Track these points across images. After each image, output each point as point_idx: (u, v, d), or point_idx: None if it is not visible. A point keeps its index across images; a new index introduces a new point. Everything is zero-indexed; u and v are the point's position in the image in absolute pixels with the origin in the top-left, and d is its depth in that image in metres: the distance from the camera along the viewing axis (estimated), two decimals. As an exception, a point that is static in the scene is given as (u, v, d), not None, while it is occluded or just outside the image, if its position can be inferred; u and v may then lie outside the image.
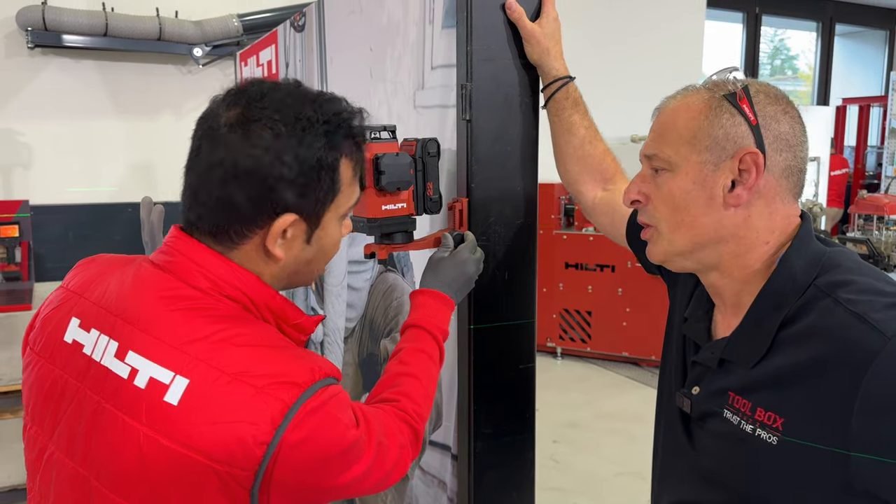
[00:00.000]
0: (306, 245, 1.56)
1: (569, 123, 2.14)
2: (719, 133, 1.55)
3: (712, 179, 1.55)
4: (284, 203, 1.47)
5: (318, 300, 3.39)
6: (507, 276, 2.04)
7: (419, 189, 1.94)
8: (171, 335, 1.44)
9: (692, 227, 1.59)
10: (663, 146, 1.60)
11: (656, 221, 1.63)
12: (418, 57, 2.26)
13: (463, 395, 2.08)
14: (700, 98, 1.59)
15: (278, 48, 3.83)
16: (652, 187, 1.63)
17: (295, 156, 1.46)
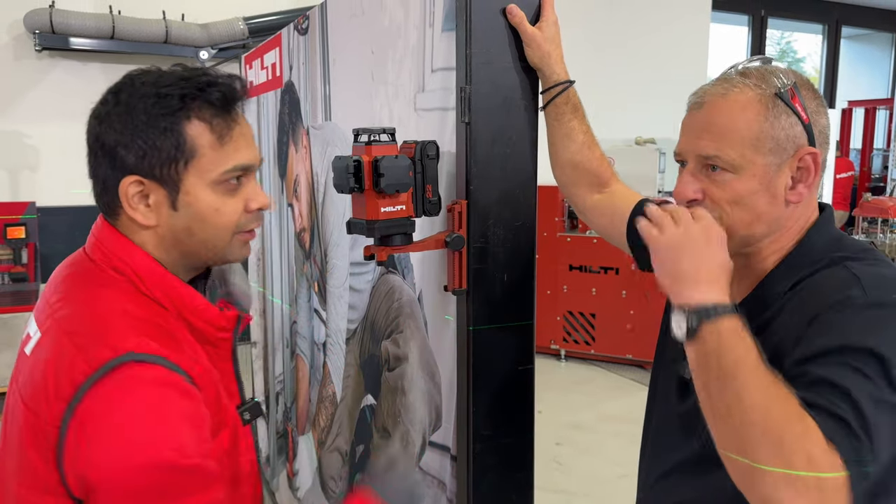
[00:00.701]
0: (174, 211, 1.61)
1: (568, 128, 2.16)
2: (781, 135, 1.62)
3: (776, 179, 1.64)
4: (127, 167, 1.56)
5: (321, 301, 3.40)
6: (507, 278, 2.05)
7: (418, 191, 1.95)
8: (52, 299, 1.58)
9: (754, 224, 1.67)
10: (725, 148, 1.64)
11: (717, 217, 1.65)
12: (419, 60, 2.27)
13: (462, 396, 2.09)
14: (752, 96, 1.64)
15: (282, 51, 3.85)
16: (708, 185, 1.68)
17: (127, 121, 1.55)
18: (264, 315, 4.80)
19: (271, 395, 4.75)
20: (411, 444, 2.48)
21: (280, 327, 4.35)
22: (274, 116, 4.11)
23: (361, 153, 1.88)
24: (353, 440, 3.12)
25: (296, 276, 3.88)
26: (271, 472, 4.86)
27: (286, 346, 4.24)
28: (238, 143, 1.63)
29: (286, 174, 3.92)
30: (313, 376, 3.68)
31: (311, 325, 3.65)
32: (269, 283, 4.59)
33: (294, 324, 4.00)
